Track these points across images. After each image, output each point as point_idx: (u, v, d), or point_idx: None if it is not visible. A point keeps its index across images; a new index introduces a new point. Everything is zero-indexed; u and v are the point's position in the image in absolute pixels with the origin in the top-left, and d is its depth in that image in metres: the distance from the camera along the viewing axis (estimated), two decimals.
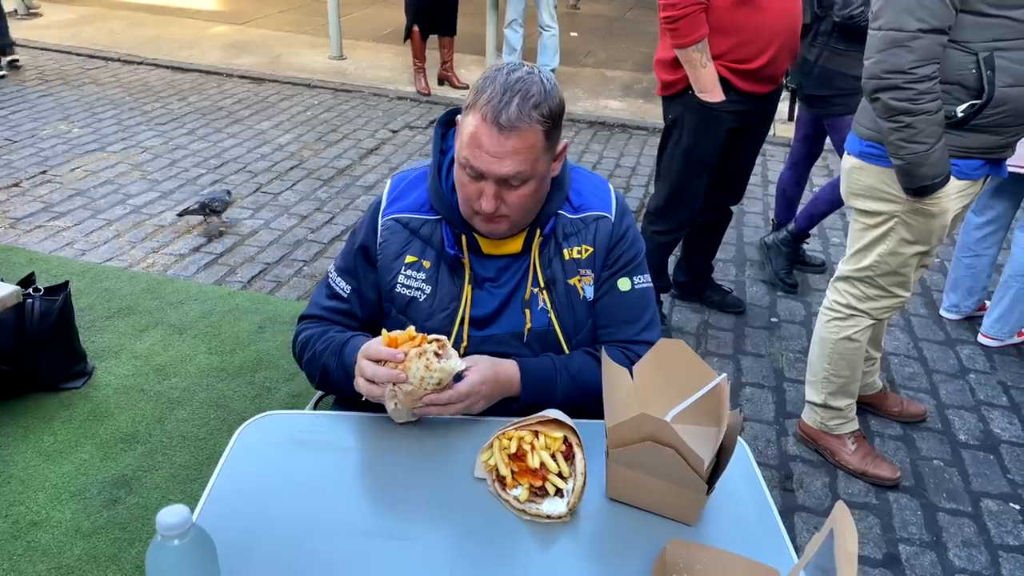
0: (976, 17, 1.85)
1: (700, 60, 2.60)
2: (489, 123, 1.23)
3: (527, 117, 1.23)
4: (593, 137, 5.48)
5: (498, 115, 1.22)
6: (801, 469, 2.52)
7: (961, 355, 3.14)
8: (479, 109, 1.24)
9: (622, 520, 1.18)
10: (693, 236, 3.30)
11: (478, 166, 1.26)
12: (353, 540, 1.12)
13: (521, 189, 1.29)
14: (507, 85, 1.24)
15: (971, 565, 2.19)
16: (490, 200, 1.28)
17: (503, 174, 1.26)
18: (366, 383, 1.27)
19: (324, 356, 1.41)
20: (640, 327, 1.47)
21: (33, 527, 2.14)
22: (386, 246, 1.43)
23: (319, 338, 1.44)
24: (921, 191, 2.00)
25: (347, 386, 1.35)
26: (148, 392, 2.70)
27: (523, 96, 1.23)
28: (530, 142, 1.25)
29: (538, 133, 1.26)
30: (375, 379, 1.25)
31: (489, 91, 1.24)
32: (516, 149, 1.24)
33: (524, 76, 1.26)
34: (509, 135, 1.23)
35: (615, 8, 9.60)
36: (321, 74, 6.48)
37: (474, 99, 1.26)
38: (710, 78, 2.63)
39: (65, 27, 7.38)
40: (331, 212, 4.16)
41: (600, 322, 1.47)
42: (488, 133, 1.24)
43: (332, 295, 1.50)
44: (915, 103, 1.87)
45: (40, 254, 3.56)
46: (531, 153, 1.26)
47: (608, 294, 1.46)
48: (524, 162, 1.26)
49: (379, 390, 1.26)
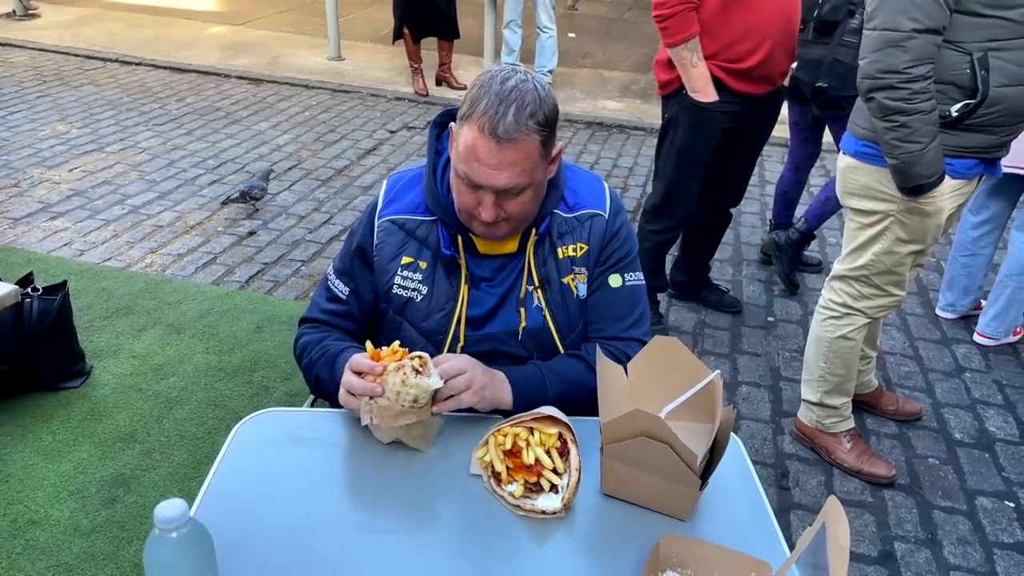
0: (970, 17, 1.86)
1: (690, 59, 2.61)
2: (487, 135, 1.22)
3: (524, 127, 1.23)
4: (591, 137, 5.49)
5: (495, 127, 1.21)
6: (797, 467, 2.53)
7: (957, 354, 3.15)
8: (475, 121, 1.23)
9: (616, 516, 1.19)
10: (691, 236, 3.31)
11: (476, 179, 1.26)
12: (349, 536, 1.13)
13: (520, 198, 1.30)
14: (502, 95, 1.23)
15: (966, 563, 2.20)
16: (490, 210, 1.28)
17: (502, 186, 1.26)
18: (346, 394, 1.28)
19: (317, 366, 1.42)
20: (629, 323, 1.48)
21: (32, 526, 2.15)
22: (382, 247, 1.44)
23: (315, 345, 1.45)
24: (916, 190, 2.01)
25: (336, 398, 1.36)
26: (146, 391, 2.70)
27: (519, 106, 1.22)
28: (528, 152, 1.25)
29: (535, 143, 1.25)
30: (354, 391, 1.25)
31: (484, 102, 1.23)
32: (514, 160, 1.24)
33: (518, 84, 1.25)
34: (507, 147, 1.23)
35: (613, 9, 9.62)
36: (319, 75, 6.48)
37: (469, 110, 1.25)
38: (701, 77, 2.64)
39: (63, 28, 7.39)
40: (329, 212, 4.17)
41: (590, 318, 1.48)
42: (486, 145, 1.23)
43: (331, 297, 1.51)
44: (910, 103, 1.88)
45: (38, 254, 3.56)
46: (528, 163, 1.26)
47: (599, 290, 1.47)
48: (522, 173, 1.26)
49: (356, 403, 1.26)
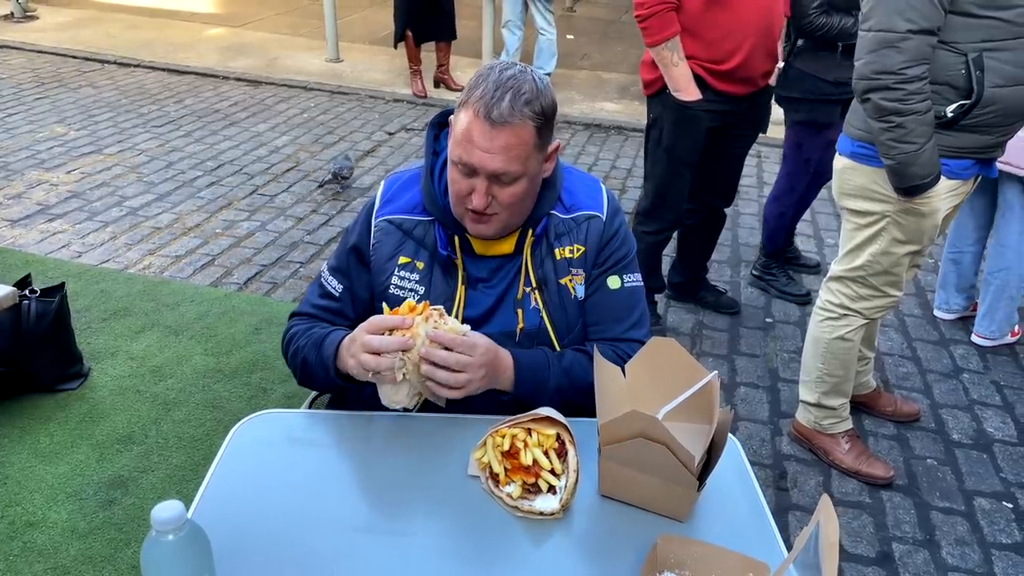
0: (965, 18, 1.86)
1: (671, 59, 2.62)
2: (481, 118, 1.24)
3: (519, 112, 1.25)
4: (589, 139, 5.50)
5: (490, 110, 1.24)
6: (795, 468, 2.53)
7: (955, 355, 3.15)
8: (471, 105, 1.26)
9: (614, 516, 1.19)
10: (687, 237, 3.31)
11: (469, 161, 1.27)
12: (347, 537, 1.13)
13: (512, 187, 1.30)
14: (499, 82, 1.26)
15: (964, 563, 2.20)
16: (481, 196, 1.29)
17: (494, 169, 1.27)
18: (373, 357, 1.24)
19: (305, 350, 1.42)
20: (628, 324, 1.48)
21: (29, 528, 2.15)
22: (379, 247, 1.44)
23: (303, 334, 1.45)
24: (911, 191, 2.02)
25: (324, 380, 1.38)
26: (144, 393, 2.70)
27: (515, 92, 1.25)
28: (522, 138, 1.26)
29: (530, 129, 1.27)
30: (384, 349, 1.23)
31: (482, 88, 1.26)
32: (508, 144, 1.25)
33: (516, 74, 1.28)
34: (501, 129, 1.24)
35: (611, 11, 9.63)
36: (317, 77, 6.49)
37: (467, 96, 1.28)
38: (683, 76, 2.65)
39: (61, 30, 7.38)
40: (327, 214, 4.17)
41: (589, 319, 1.48)
42: (480, 128, 1.25)
43: (324, 294, 1.50)
44: (905, 103, 1.89)
45: (36, 256, 3.56)
46: (523, 149, 1.27)
47: (598, 291, 1.47)
48: (515, 159, 1.27)
49: (388, 361, 1.23)
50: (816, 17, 2.87)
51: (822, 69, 2.97)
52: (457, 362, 1.24)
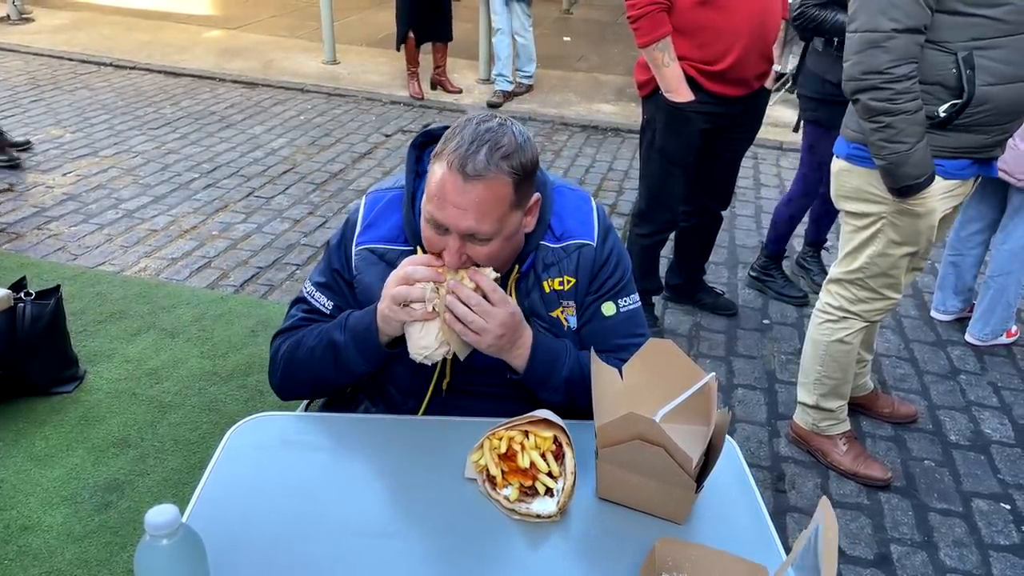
0: (953, 17, 1.86)
1: (662, 59, 2.62)
2: (455, 171, 1.17)
3: (495, 167, 1.17)
4: (586, 141, 5.49)
5: (464, 163, 1.16)
6: (793, 470, 2.52)
7: (952, 356, 3.15)
8: (445, 157, 1.18)
9: (611, 519, 1.19)
10: (684, 239, 3.31)
11: (441, 219, 1.20)
12: (343, 540, 1.12)
13: (486, 247, 1.23)
14: (476, 134, 1.19)
15: (962, 565, 2.20)
16: (453, 255, 1.22)
17: (466, 228, 1.19)
18: (404, 286, 1.22)
19: (322, 344, 1.36)
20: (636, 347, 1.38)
21: (24, 531, 2.14)
22: (361, 277, 1.38)
23: (308, 335, 1.40)
24: (905, 191, 2.01)
25: (358, 356, 1.33)
26: (140, 396, 2.69)
27: (492, 146, 1.18)
28: (497, 194, 1.19)
29: (506, 185, 1.19)
30: (415, 277, 1.22)
31: (457, 140, 1.19)
32: (481, 199, 1.17)
33: (495, 127, 1.20)
34: (475, 184, 1.17)
35: (608, 13, 9.63)
36: (314, 78, 6.48)
37: (442, 147, 1.20)
38: (675, 77, 2.65)
39: (57, 32, 7.37)
40: (324, 216, 4.16)
41: (585, 348, 1.40)
42: (453, 182, 1.17)
43: (311, 310, 1.43)
44: (894, 103, 1.88)
45: (32, 258, 3.55)
46: (497, 206, 1.19)
47: (593, 320, 1.41)
48: (488, 216, 1.19)
49: (419, 291, 1.22)
50: (808, 8, 2.87)
51: (826, 69, 2.98)
52: (478, 304, 1.22)
